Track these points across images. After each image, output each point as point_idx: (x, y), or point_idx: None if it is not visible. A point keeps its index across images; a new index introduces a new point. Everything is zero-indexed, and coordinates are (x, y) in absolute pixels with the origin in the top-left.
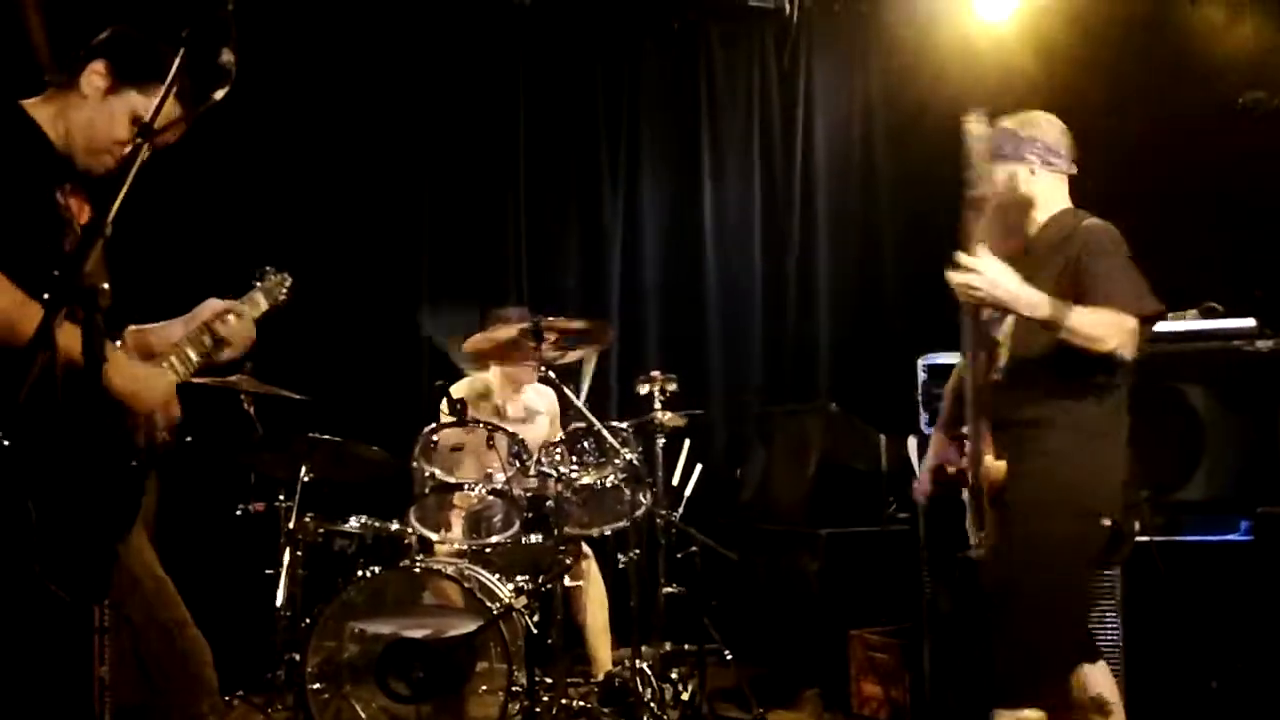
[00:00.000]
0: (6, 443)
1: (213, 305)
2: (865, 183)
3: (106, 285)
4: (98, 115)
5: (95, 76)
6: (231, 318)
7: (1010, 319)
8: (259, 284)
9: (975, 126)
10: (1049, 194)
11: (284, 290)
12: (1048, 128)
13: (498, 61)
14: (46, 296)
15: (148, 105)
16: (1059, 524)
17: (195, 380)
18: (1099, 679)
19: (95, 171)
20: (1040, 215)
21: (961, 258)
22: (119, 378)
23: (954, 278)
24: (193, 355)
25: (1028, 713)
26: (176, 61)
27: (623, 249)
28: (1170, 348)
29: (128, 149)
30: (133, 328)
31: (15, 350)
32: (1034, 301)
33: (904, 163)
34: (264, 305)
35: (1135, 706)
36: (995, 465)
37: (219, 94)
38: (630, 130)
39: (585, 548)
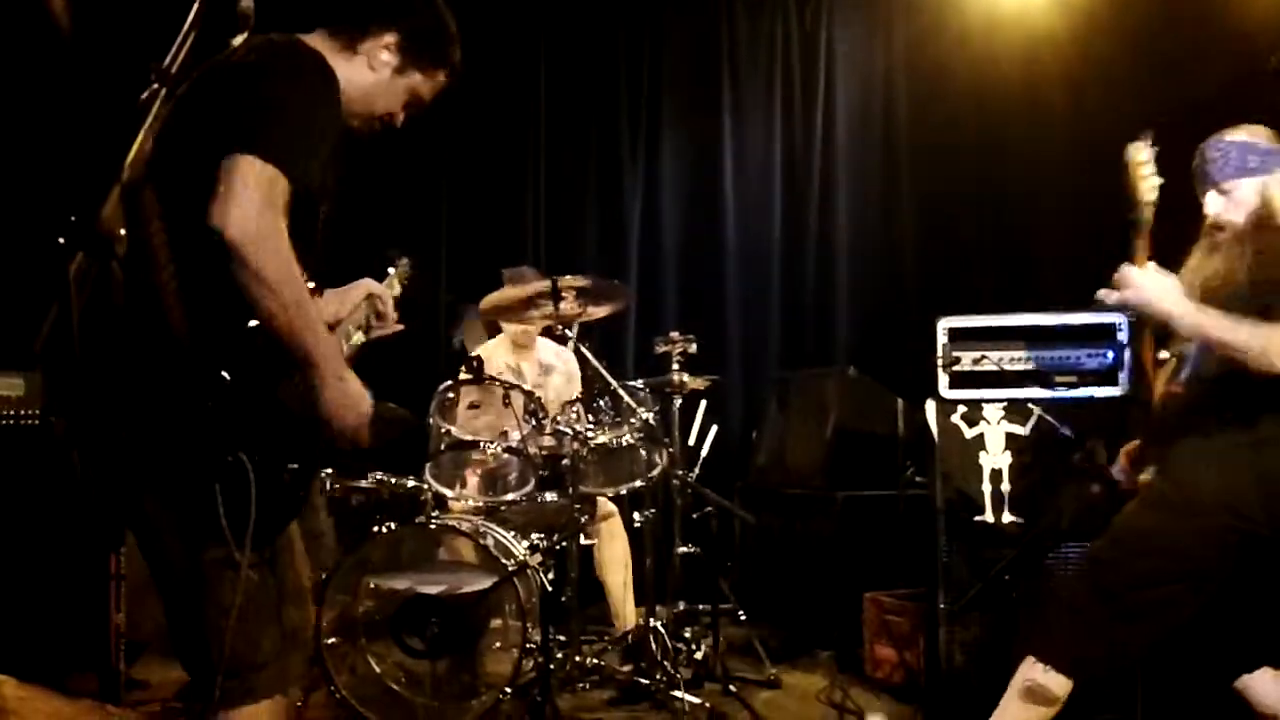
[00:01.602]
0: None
1: (368, 284)
2: (886, 146)
3: (123, 231)
4: (384, 91)
5: (386, 53)
6: (388, 297)
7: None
8: (393, 269)
9: (1139, 150)
10: None
11: (409, 276)
12: (1270, 138)
13: (520, 24)
14: (60, 241)
15: (426, 87)
16: (1190, 519)
17: None
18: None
19: (355, 132)
20: None
21: (1124, 272)
22: (333, 386)
23: (1113, 296)
24: (353, 335)
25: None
26: (195, 7)
27: (642, 213)
28: None
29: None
30: None
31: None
32: (1195, 322)
33: (925, 126)
34: (398, 290)
35: (1151, 672)
36: None
37: (238, 40)
38: (651, 94)
39: (610, 505)
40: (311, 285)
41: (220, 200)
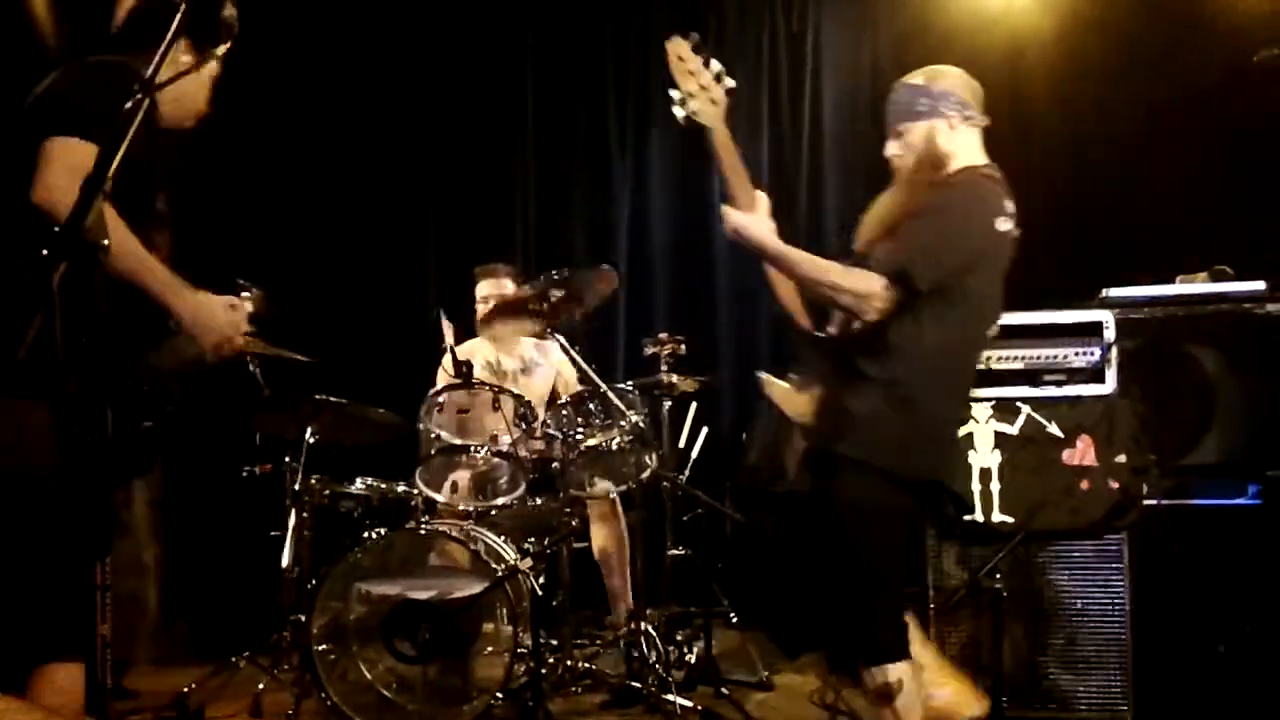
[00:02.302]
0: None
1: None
2: (873, 144)
3: (107, 241)
4: (196, 85)
5: (183, 56)
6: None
7: None
8: (247, 295)
9: (678, 46)
10: (965, 148)
11: (260, 304)
12: (958, 81)
13: (507, 22)
14: (45, 252)
15: (219, 60)
16: (854, 485)
17: None
18: None
19: (186, 126)
20: (952, 169)
21: (723, 211)
22: (181, 304)
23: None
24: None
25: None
26: (178, 18)
27: (631, 211)
28: (1180, 311)
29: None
30: None
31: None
32: (782, 256)
33: None
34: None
35: (1142, 670)
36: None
37: (221, 49)
38: (639, 92)
39: (616, 501)
40: None
41: (34, 179)
